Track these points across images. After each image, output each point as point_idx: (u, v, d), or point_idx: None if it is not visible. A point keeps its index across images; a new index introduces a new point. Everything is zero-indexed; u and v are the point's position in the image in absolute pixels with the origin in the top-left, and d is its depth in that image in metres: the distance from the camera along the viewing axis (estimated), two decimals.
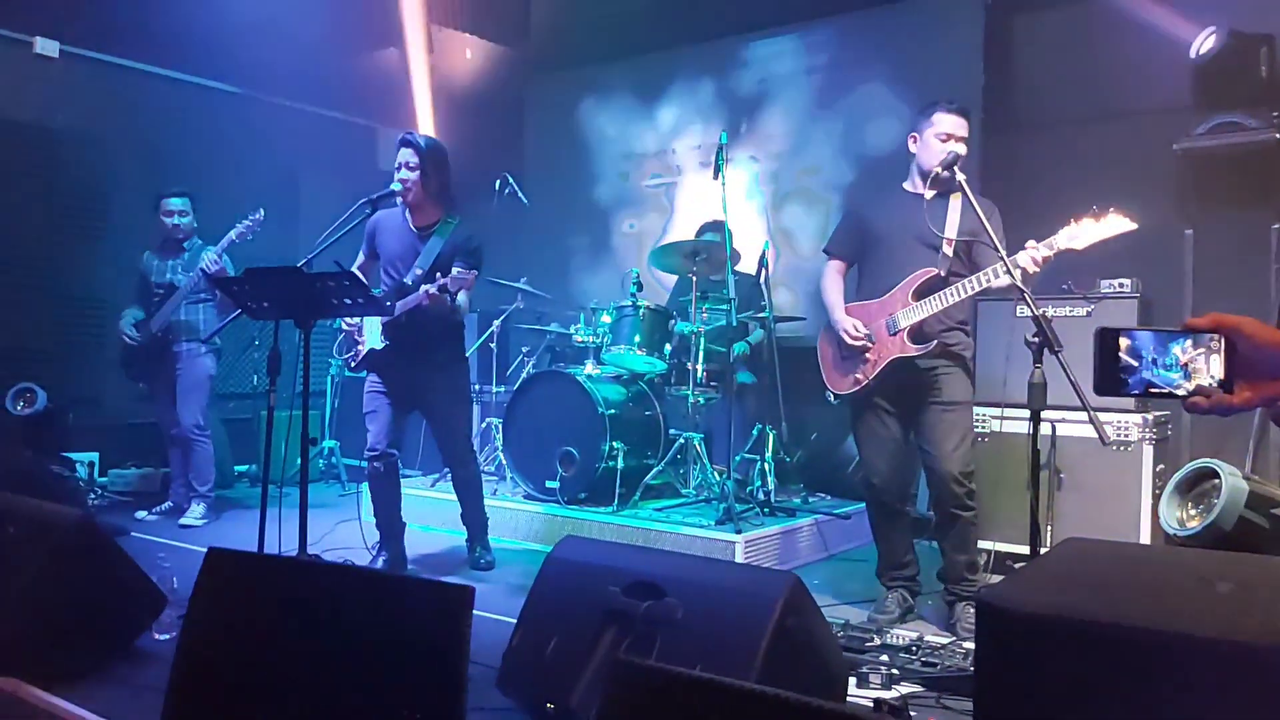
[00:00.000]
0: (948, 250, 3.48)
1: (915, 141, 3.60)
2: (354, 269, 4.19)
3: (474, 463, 4.42)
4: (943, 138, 3.49)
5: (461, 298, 3.90)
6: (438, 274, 3.87)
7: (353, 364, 4.17)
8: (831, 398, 3.75)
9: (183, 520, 5.14)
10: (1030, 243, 3.21)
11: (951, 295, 3.36)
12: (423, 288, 3.81)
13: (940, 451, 3.48)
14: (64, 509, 2.98)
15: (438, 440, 4.38)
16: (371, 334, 4.06)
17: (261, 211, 4.93)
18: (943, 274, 3.46)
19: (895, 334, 3.49)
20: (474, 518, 4.41)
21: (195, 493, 5.23)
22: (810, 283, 6.28)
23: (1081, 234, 3.09)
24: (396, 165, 4.05)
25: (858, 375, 3.59)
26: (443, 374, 4.16)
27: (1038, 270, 3.20)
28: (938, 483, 3.51)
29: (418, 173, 4.02)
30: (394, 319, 3.94)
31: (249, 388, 6.85)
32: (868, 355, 3.56)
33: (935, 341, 3.46)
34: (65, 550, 2.79)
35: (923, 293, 3.45)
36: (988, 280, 3.26)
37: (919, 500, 4.89)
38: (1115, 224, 3.05)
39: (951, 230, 3.48)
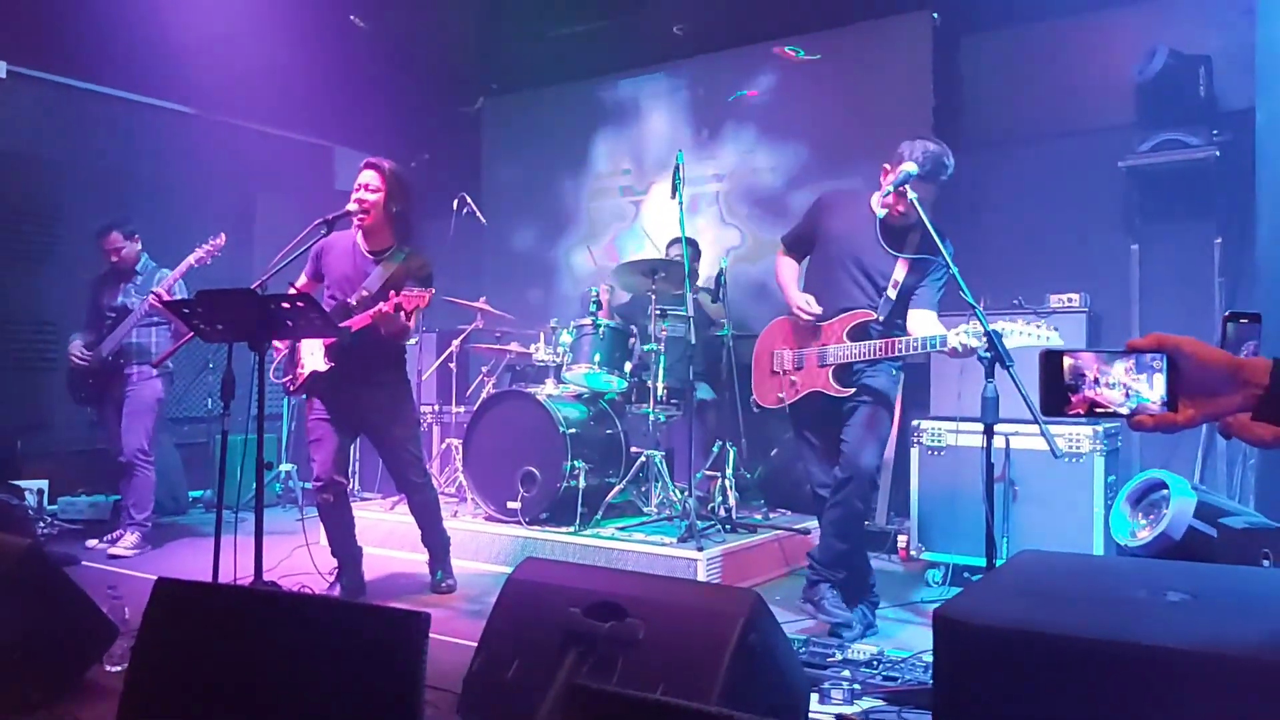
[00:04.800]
0: (891, 293, 3.50)
1: (886, 175, 3.53)
2: (291, 288, 4.09)
3: (429, 486, 4.32)
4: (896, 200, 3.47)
5: (412, 320, 3.82)
6: (391, 292, 3.78)
7: (291, 388, 4.04)
8: (754, 406, 3.81)
9: (113, 550, 4.92)
10: (961, 327, 3.21)
11: (882, 350, 3.39)
12: (379, 305, 3.72)
13: (859, 447, 3.51)
14: (11, 538, 2.90)
15: (387, 463, 4.29)
16: (314, 356, 3.96)
17: (222, 236, 4.84)
18: (880, 320, 3.50)
19: (823, 367, 3.54)
20: (434, 540, 4.34)
21: (131, 520, 5.03)
22: (765, 303, 6.34)
23: (1010, 336, 3.08)
24: (356, 187, 3.99)
25: (780, 394, 3.67)
26: (385, 394, 4.07)
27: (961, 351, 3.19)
28: (849, 473, 3.52)
29: (379, 195, 3.97)
30: (339, 340, 3.84)
31: (203, 411, 6.75)
32: (794, 378, 3.62)
33: (855, 387, 3.52)
34: (12, 580, 2.71)
35: (857, 333, 3.49)
36: (918, 347, 3.31)
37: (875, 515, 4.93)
38: (1044, 337, 3.06)
39: (899, 272, 3.50)
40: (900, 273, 3.50)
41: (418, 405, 5.07)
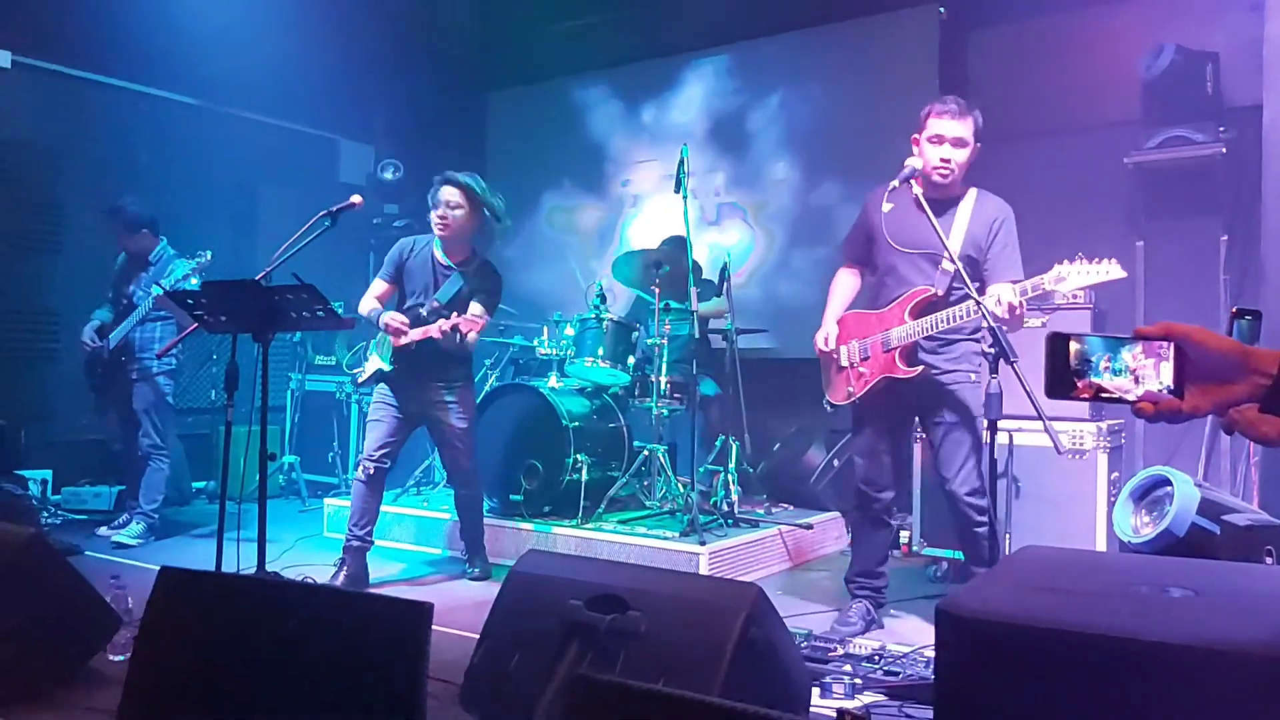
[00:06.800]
0: (948, 265, 3.37)
1: (916, 145, 3.49)
2: (370, 295, 4.29)
3: (478, 483, 4.46)
4: (935, 140, 3.40)
5: (471, 335, 3.98)
6: (454, 311, 3.98)
7: (360, 379, 4.28)
8: (827, 406, 3.74)
9: (117, 537, 4.95)
10: (997, 289, 3.17)
11: (942, 321, 3.29)
12: (438, 323, 3.90)
13: (948, 473, 3.45)
14: (14, 527, 2.91)
15: (444, 459, 4.48)
16: (382, 357, 4.15)
17: (209, 254, 4.91)
18: (940, 292, 3.39)
19: (888, 352, 3.45)
20: (472, 534, 4.47)
21: (140, 510, 5.06)
22: (768, 299, 6.33)
23: (1070, 277, 3.03)
24: (435, 203, 4.13)
25: (850, 388, 3.58)
26: (453, 394, 4.23)
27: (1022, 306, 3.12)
28: (950, 502, 3.49)
29: (462, 210, 4.11)
30: (405, 345, 4.03)
31: (207, 403, 6.75)
32: (862, 369, 3.53)
33: (923, 366, 3.43)
34: (15, 570, 2.72)
35: (919, 311, 3.39)
36: (976, 312, 3.16)
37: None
38: (1105, 271, 2.99)
39: (955, 244, 3.38)
40: (956, 244, 3.39)
41: None
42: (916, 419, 3.85)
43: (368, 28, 6.96)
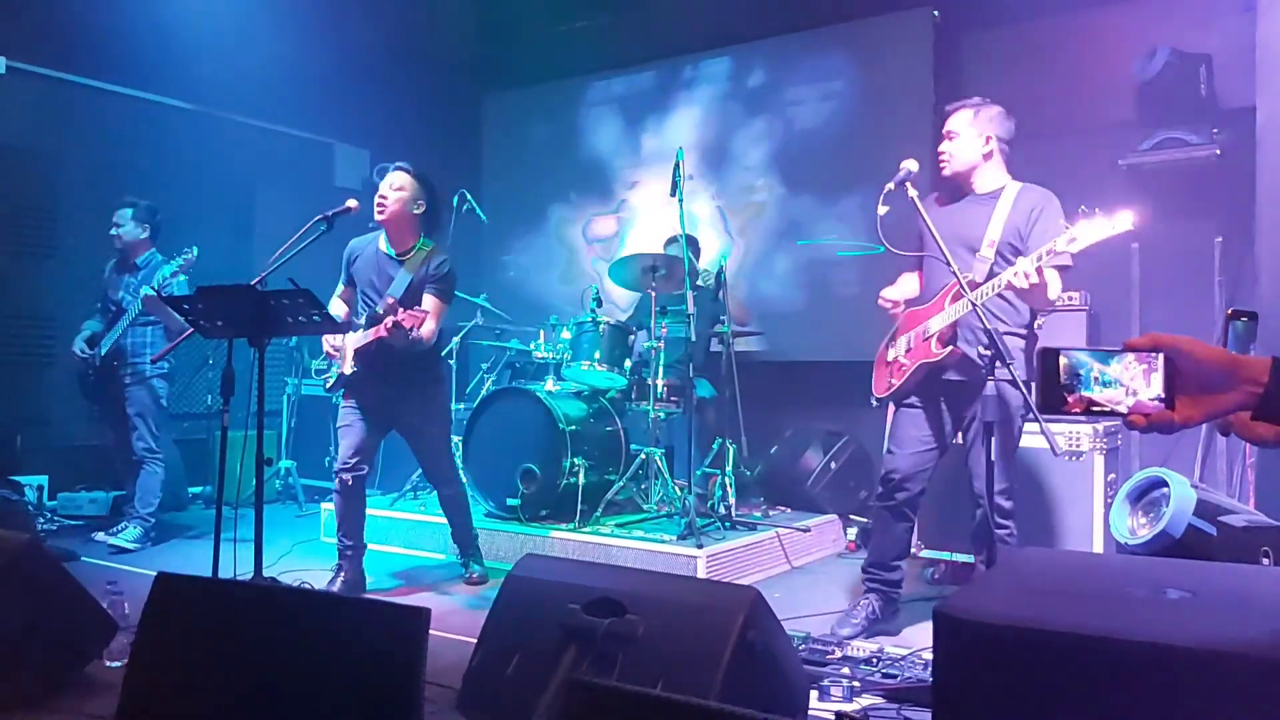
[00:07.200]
0: (987, 253, 3.39)
1: (952, 144, 3.59)
2: (335, 298, 4.24)
3: (459, 480, 4.43)
4: (941, 139, 3.57)
5: (427, 326, 3.87)
6: (410, 306, 3.86)
7: (328, 385, 4.20)
8: (873, 401, 3.71)
9: (114, 541, 4.94)
10: (1020, 263, 3.14)
11: (967, 303, 3.24)
12: (384, 322, 3.79)
13: (976, 470, 3.43)
14: (10, 533, 2.90)
15: (420, 460, 4.43)
16: (346, 359, 4.07)
17: (194, 250, 4.90)
18: (978, 280, 3.35)
19: (926, 339, 3.45)
20: (463, 535, 4.43)
21: (136, 514, 5.05)
22: (764, 301, 6.33)
23: (1080, 236, 2.98)
24: (380, 191, 4.07)
25: (891, 380, 3.58)
26: (421, 395, 4.17)
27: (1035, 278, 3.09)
28: (975, 499, 3.46)
29: (402, 194, 4.05)
30: (364, 346, 3.95)
31: (203, 408, 6.74)
32: (904, 360, 3.54)
33: (951, 346, 3.39)
34: (11, 575, 2.71)
35: (959, 299, 3.36)
36: (995, 289, 3.18)
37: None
38: (1113, 225, 2.94)
39: (995, 233, 3.41)
40: (995, 233, 3.40)
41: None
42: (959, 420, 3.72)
43: (363, 31, 6.95)
